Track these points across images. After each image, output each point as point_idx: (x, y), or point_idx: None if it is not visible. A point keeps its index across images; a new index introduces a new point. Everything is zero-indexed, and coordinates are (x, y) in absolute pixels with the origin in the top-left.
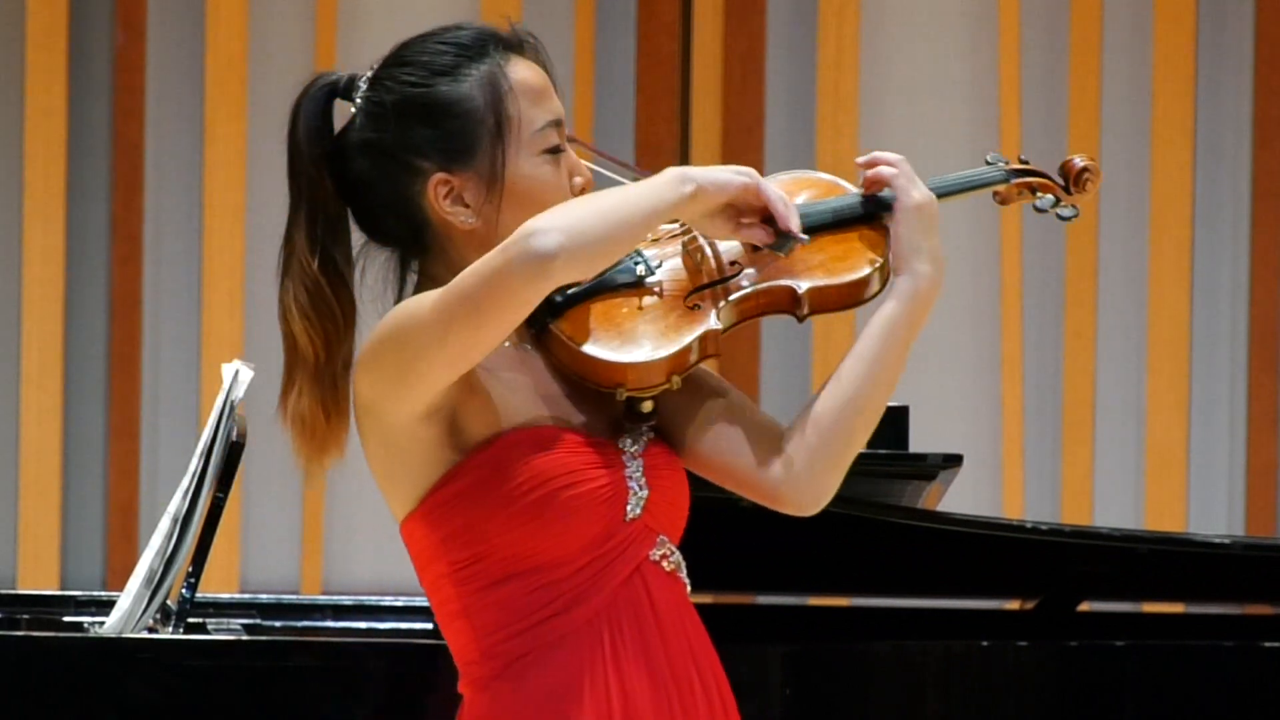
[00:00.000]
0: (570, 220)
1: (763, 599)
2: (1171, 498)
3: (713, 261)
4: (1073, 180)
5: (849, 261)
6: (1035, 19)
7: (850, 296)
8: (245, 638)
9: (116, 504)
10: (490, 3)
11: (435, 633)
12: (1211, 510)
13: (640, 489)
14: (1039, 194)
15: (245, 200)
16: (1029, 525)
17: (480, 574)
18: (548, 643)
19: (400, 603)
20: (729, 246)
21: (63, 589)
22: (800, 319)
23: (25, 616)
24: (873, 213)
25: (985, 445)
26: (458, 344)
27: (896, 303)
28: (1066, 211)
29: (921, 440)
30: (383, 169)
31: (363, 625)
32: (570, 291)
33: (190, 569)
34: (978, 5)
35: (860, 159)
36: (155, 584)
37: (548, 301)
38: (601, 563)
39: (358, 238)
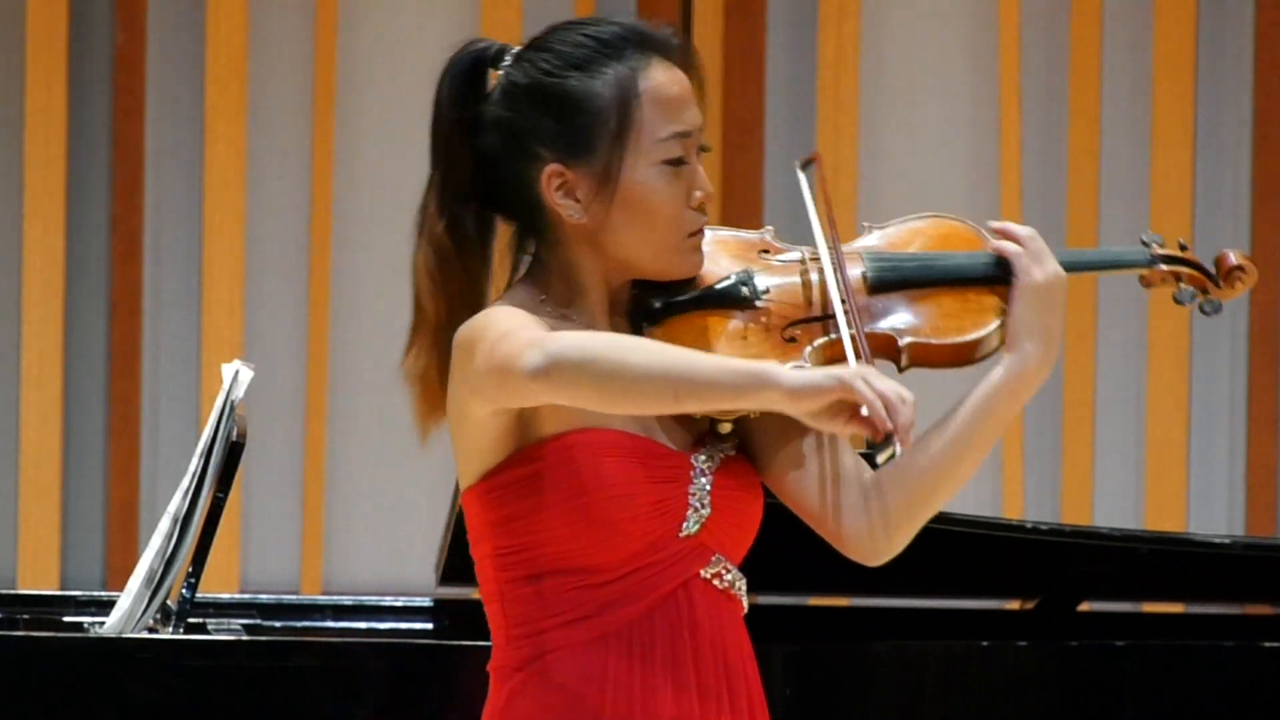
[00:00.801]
0: (572, 353)
1: (763, 599)
2: (1171, 498)
3: (819, 295)
4: (1224, 275)
5: (960, 321)
6: (1035, 19)
7: (954, 357)
8: (245, 638)
9: (116, 504)
10: (491, 5)
11: (435, 633)
12: (1211, 510)
13: (702, 507)
14: (1182, 283)
15: (245, 200)
16: (1029, 525)
17: (521, 564)
18: (575, 643)
19: (400, 603)
20: (846, 285)
21: (63, 589)
22: (900, 369)
23: (25, 616)
24: (996, 277)
25: None
26: (491, 395)
27: (999, 379)
28: (1209, 306)
29: None
30: (508, 148)
31: (363, 625)
32: (672, 300)
33: (190, 569)
34: (978, 5)
35: (994, 224)
36: (155, 584)
37: (646, 306)
38: (645, 574)
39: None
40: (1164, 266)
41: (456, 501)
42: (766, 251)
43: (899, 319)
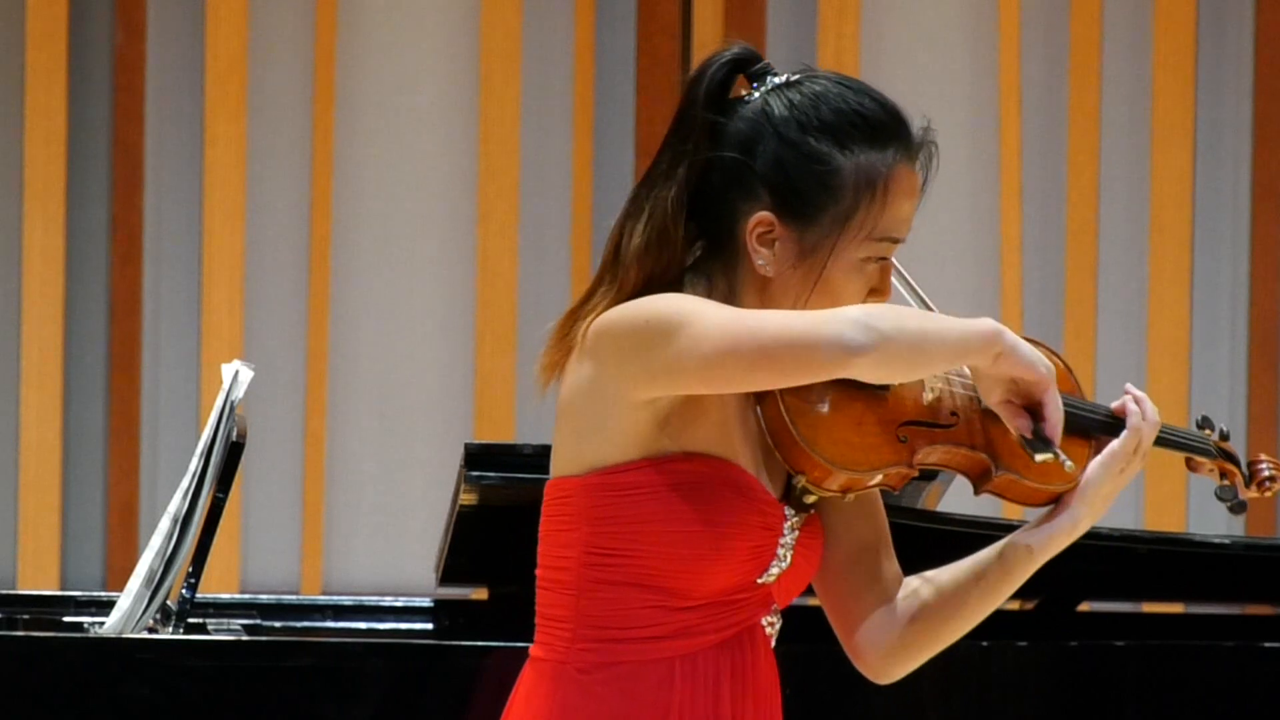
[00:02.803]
0: (890, 328)
1: None
2: (1171, 498)
3: (942, 401)
4: (1254, 478)
5: (1050, 469)
6: (1035, 19)
7: (1029, 498)
8: (245, 638)
9: (116, 504)
10: (491, 5)
11: (435, 633)
12: (1211, 510)
13: (785, 558)
14: (1225, 479)
15: (245, 200)
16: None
17: (610, 567)
18: (644, 660)
19: (400, 603)
20: (959, 395)
21: (63, 589)
22: (977, 492)
23: (25, 616)
24: (1092, 433)
25: None
26: (723, 376)
27: (1051, 531)
28: (1240, 508)
29: None
30: (734, 172)
31: (363, 625)
32: None
33: (190, 569)
34: (978, 5)
35: (1131, 390)
36: (155, 584)
37: None
38: (720, 610)
39: None
40: (1220, 459)
41: (456, 501)
42: None
43: (996, 446)
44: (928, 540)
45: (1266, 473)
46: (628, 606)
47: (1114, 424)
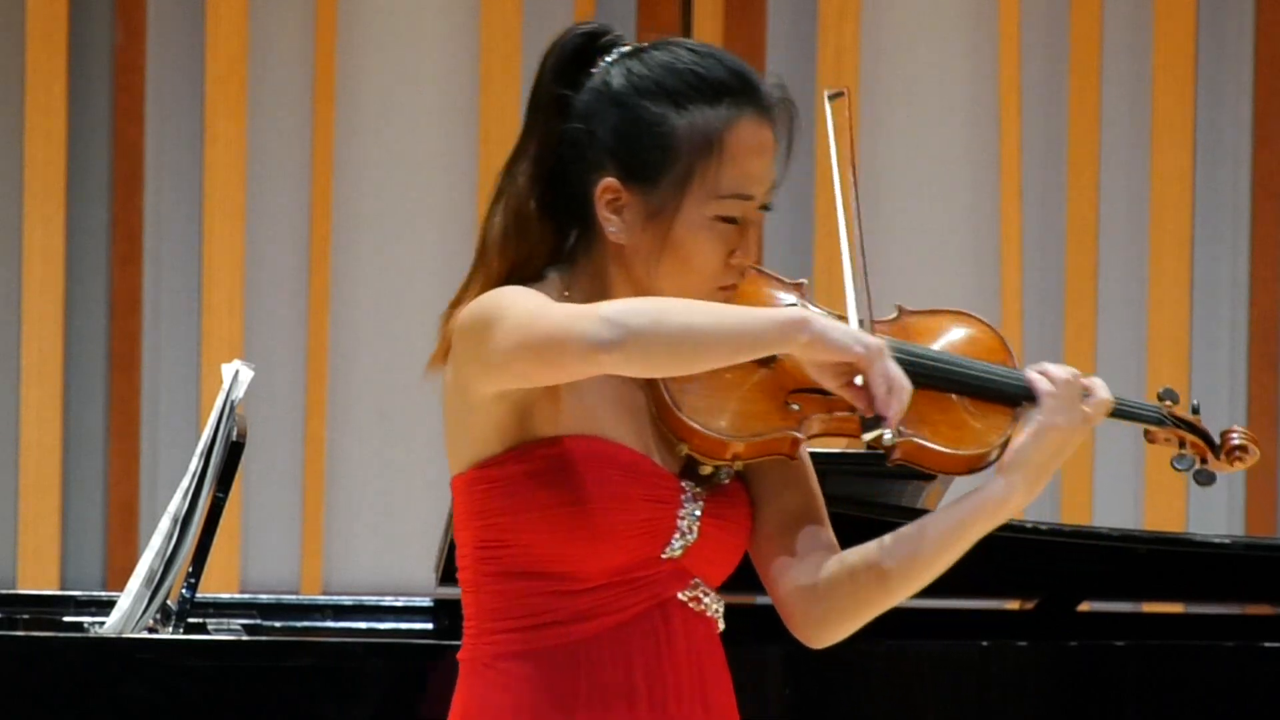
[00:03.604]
0: (643, 324)
1: (763, 599)
2: (1171, 498)
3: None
4: (1225, 450)
5: (961, 433)
6: (1035, 19)
7: (944, 465)
8: (245, 638)
9: (116, 504)
10: (491, 5)
11: (435, 633)
12: (1211, 510)
13: (689, 532)
14: (1185, 449)
15: (245, 200)
16: (1029, 525)
17: (499, 560)
18: (543, 648)
19: (400, 603)
20: None
21: (63, 589)
22: (889, 462)
23: (25, 616)
24: (1016, 400)
25: None
26: (518, 375)
27: (980, 500)
28: (1203, 476)
29: None
30: (581, 144)
31: (363, 625)
32: None
33: (190, 569)
34: (978, 5)
35: (1034, 367)
36: (155, 584)
37: None
38: (622, 589)
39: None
40: (1170, 429)
41: None
42: (792, 305)
43: (904, 413)
44: None
45: (1236, 441)
46: (522, 596)
47: (1029, 395)
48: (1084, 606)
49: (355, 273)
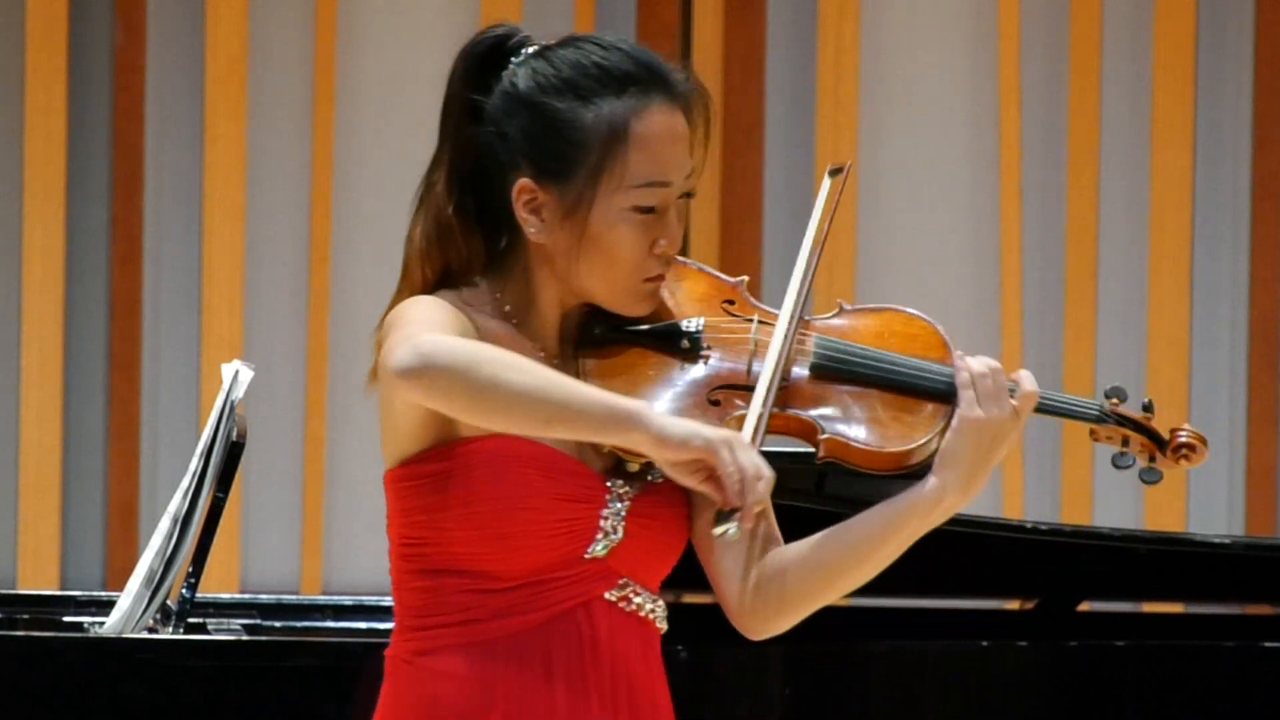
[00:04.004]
0: (448, 364)
1: None
2: (1171, 498)
3: (755, 365)
4: (1171, 448)
5: (887, 430)
6: (1035, 19)
7: (871, 463)
8: (245, 638)
9: (116, 504)
10: (491, 5)
11: None
12: (1211, 510)
13: (614, 531)
14: (1127, 448)
15: (245, 200)
16: (1029, 525)
17: (419, 557)
18: (464, 645)
19: None
20: (790, 361)
21: (63, 589)
22: (817, 459)
23: (25, 616)
24: (944, 395)
25: None
26: (395, 391)
27: (914, 497)
28: (1149, 475)
29: None
30: (494, 147)
31: (363, 625)
32: (615, 329)
33: (190, 569)
34: (978, 5)
35: (958, 354)
36: (155, 584)
37: (589, 329)
38: (543, 588)
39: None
40: (1112, 426)
41: None
42: (732, 302)
43: (829, 410)
44: (928, 540)
45: (1183, 439)
46: (443, 593)
47: (951, 395)
48: (1084, 606)
49: (355, 273)
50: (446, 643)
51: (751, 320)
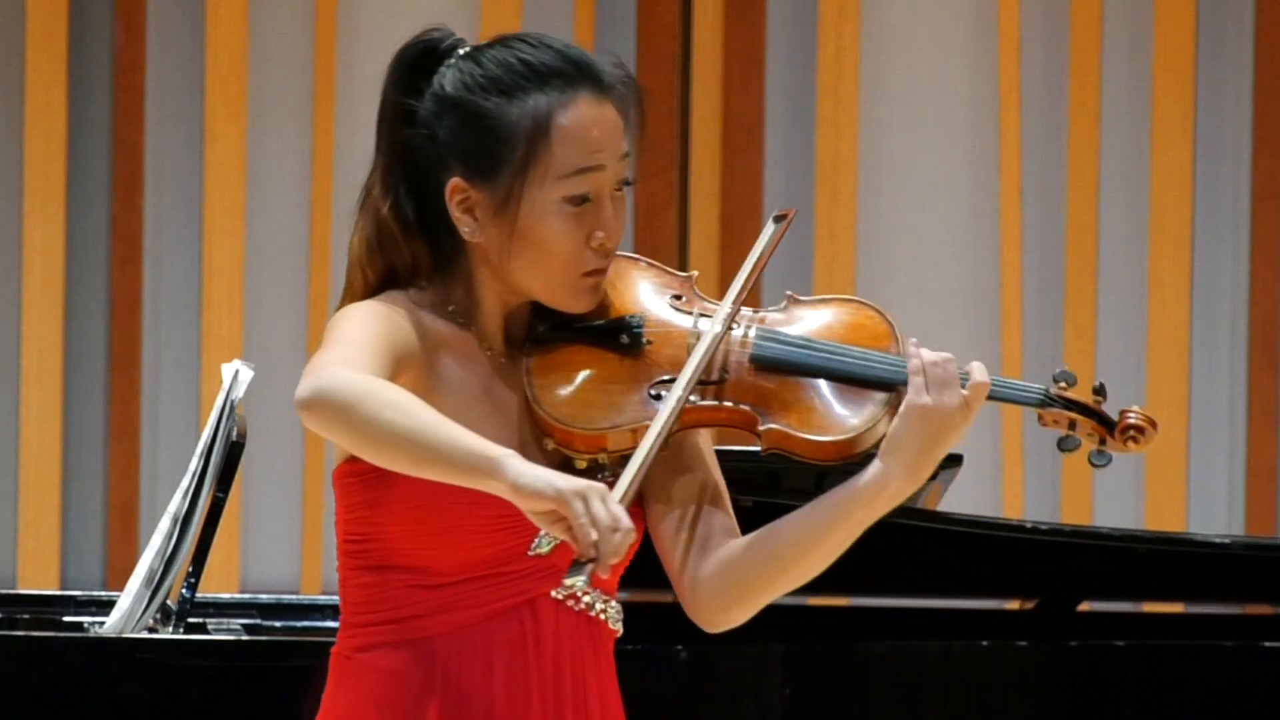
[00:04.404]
0: (335, 399)
1: None
2: (1171, 498)
3: (711, 359)
4: (1119, 429)
5: (827, 420)
6: (1035, 19)
7: (812, 452)
8: (245, 638)
9: (116, 504)
10: (491, 5)
11: None
12: (1211, 510)
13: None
14: (1074, 431)
15: (245, 200)
16: (1029, 525)
17: (363, 554)
18: (402, 641)
19: None
20: (731, 352)
21: (63, 589)
22: (761, 452)
23: (25, 616)
24: (886, 384)
25: (985, 445)
26: None
27: (860, 484)
28: (1099, 458)
29: None
30: (427, 150)
31: None
32: (557, 326)
33: (190, 569)
34: (978, 5)
35: (911, 342)
36: (155, 584)
37: (533, 327)
38: (483, 585)
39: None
40: (1058, 410)
41: None
42: (679, 297)
43: (770, 401)
44: (928, 540)
45: (1132, 421)
46: (384, 589)
47: (901, 380)
48: (1084, 606)
49: None
50: (386, 639)
51: (693, 313)
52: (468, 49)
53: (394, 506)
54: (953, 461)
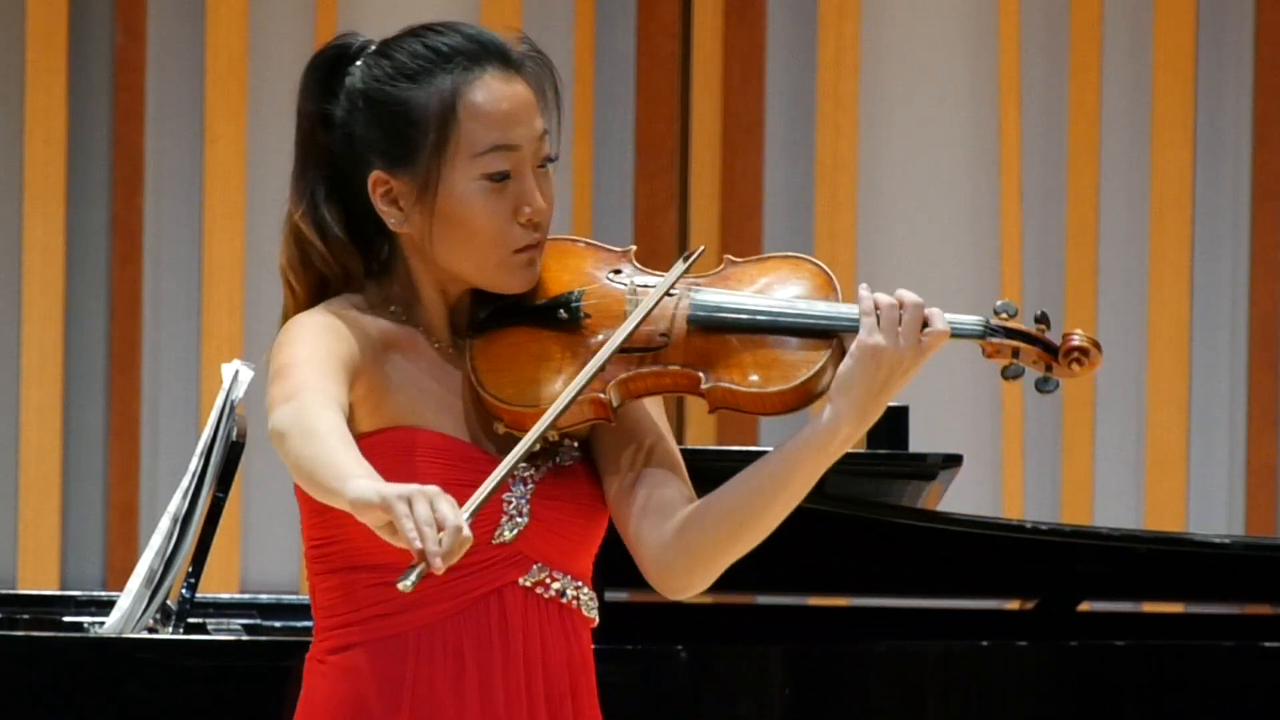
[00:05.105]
0: (280, 433)
1: (763, 599)
2: (1171, 498)
3: (651, 325)
4: (1063, 353)
5: (770, 372)
6: (1035, 19)
7: (759, 406)
8: (245, 638)
9: (116, 504)
10: (491, 5)
11: None
12: (1211, 510)
13: (519, 515)
14: (1018, 359)
15: (245, 200)
16: (1029, 525)
17: (328, 557)
18: (376, 639)
19: None
20: (669, 316)
21: (63, 589)
22: (710, 410)
23: (25, 616)
24: (827, 332)
25: (985, 445)
26: None
27: (808, 431)
28: (1046, 385)
29: (921, 440)
30: (346, 150)
31: None
32: (496, 312)
33: (190, 569)
34: (978, 5)
35: (863, 287)
36: (155, 584)
37: (474, 315)
38: (450, 578)
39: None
40: (1000, 339)
41: None
42: (618, 271)
43: (711, 359)
44: (928, 540)
45: (1076, 342)
46: (353, 590)
47: (844, 321)
48: (1084, 606)
49: None
50: (356, 639)
51: (629, 284)
52: (375, 46)
53: None
54: (953, 461)
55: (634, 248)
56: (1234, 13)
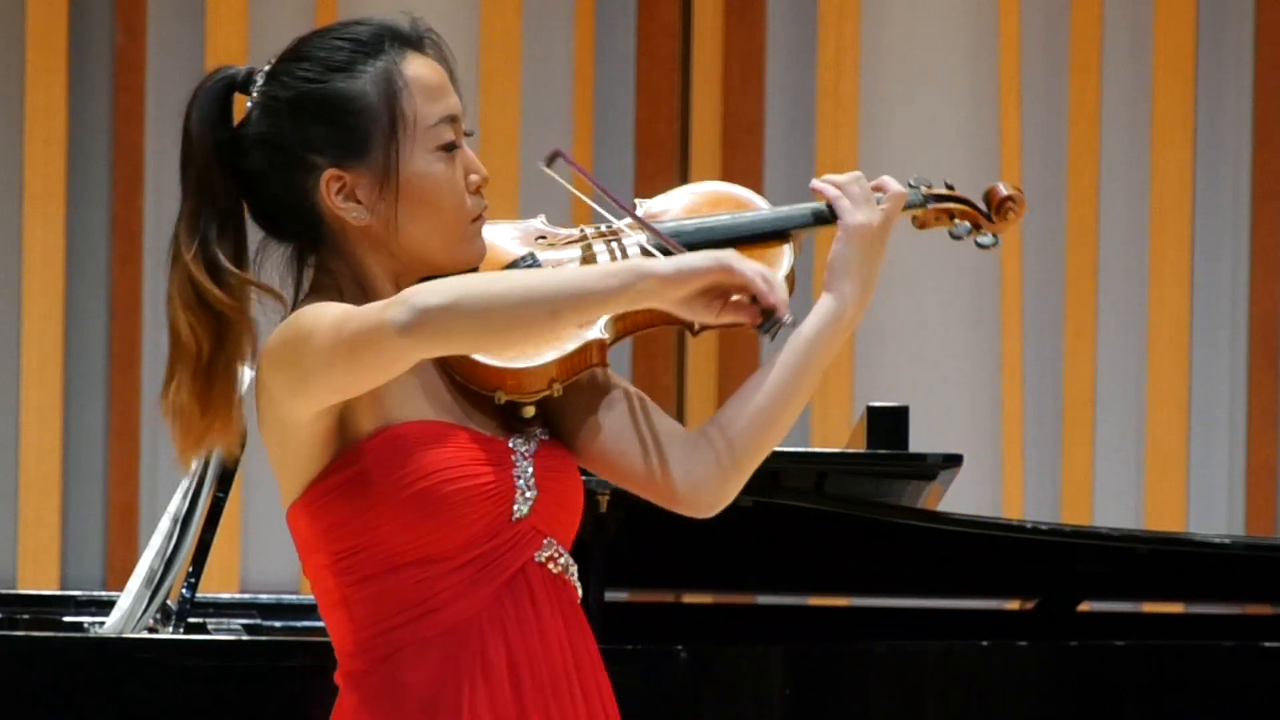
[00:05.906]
0: (438, 301)
1: (763, 599)
2: (1171, 498)
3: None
4: (995, 208)
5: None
6: (1035, 19)
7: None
8: (245, 638)
9: (116, 504)
10: (491, 5)
11: None
12: (1211, 510)
13: (529, 489)
14: (957, 220)
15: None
16: (1029, 525)
17: (360, 565)
18: (422, 640)
19: None
20: (639, 253)
21: (63, 589)
22: (694, 333)
23: (25, 616)
24: (774, 234)
25: (985, 445)
26: (341, 379)
27: (817, 320)
28: (985, 239)
29: (921, 440)
30: (277, 164)
31: None
32: None
33: (190, 569)
34: (978, 5)
35: (816, 180)
36: (155, 584)
37: None
38: (484, 561)
39: (256, 235)
40: (936, 205)
41: None
42: (543, 237)
43: None
44: (928, 540)
45: (1004, 193)
46: (394, 593)
47: (826, 214)
48: (1084, 606)
49: None
50: (408, 639)
51: (573, 234)
52: (269, 65)
53: (381, 507)
54: (953, 461)
55: (543, 215)
56: (1234, 13)
